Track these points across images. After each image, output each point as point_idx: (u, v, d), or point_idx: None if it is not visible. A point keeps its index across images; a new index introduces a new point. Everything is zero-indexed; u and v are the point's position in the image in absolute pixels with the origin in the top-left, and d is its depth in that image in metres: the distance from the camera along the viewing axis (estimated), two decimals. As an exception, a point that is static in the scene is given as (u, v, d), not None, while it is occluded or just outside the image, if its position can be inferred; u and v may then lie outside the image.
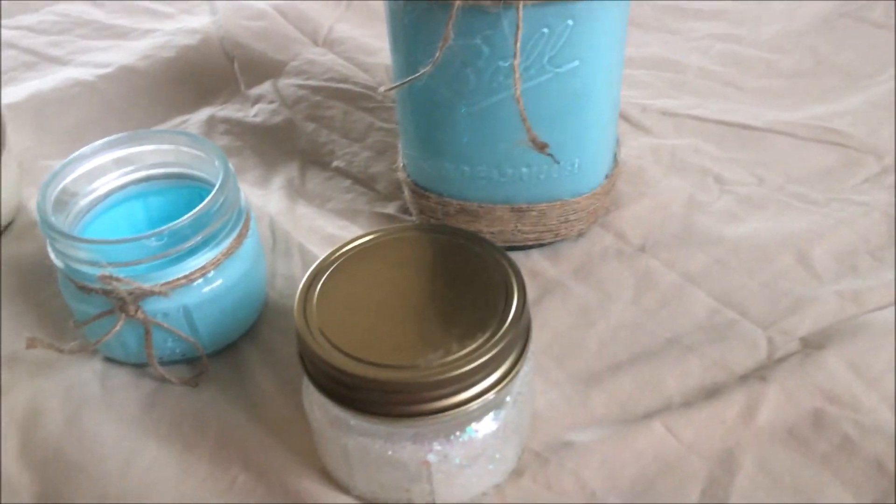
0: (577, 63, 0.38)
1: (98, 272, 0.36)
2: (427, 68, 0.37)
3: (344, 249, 0.35)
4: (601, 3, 0.37)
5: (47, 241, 0.39)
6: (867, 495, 0.34)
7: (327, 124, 0.57)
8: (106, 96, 0.61)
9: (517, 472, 0.36)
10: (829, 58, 0.60)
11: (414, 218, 0.48)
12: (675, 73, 0.59)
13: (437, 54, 0.36)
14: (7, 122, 0.53)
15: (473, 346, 0.30)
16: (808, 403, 0.37)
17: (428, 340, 0.31)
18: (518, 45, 0.35)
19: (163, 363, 0.41)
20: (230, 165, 0.40)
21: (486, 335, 0.31)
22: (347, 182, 0.52)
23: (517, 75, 0.35)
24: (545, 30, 0.37)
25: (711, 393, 0.38)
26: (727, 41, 0.62)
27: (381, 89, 0.43)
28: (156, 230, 0.37)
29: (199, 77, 0.63)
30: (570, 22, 0.37)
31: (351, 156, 0.54)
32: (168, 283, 0.37)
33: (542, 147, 0.35)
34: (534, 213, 0.44)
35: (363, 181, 0.52)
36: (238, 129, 0.57)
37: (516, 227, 0.44)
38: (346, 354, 0.31)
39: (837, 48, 0.61)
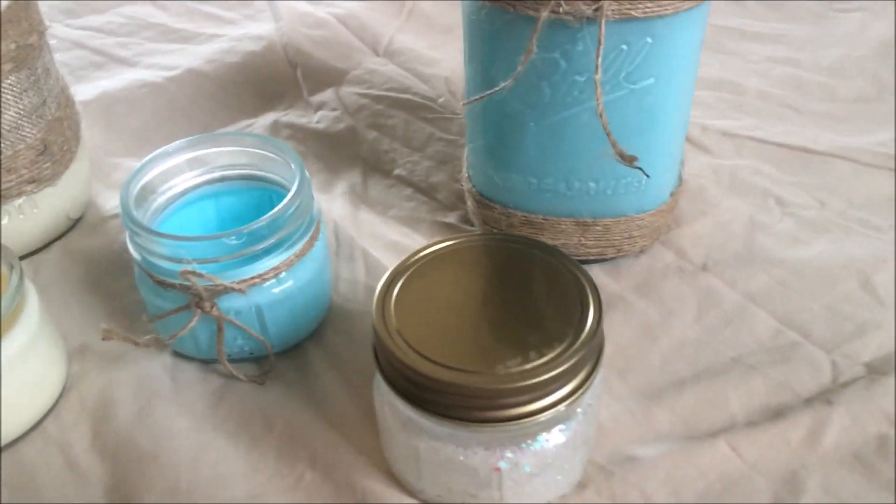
0: (652, 80, 0.39)
1: (179, 268, 0.37)
2: (508, 82, 0.37)
3: (420, 255, 0.36)
4: (681, 21, 0.37)
5: (127, 235, 0.40)
6: (935, 523, 0.34)
7: (389, 133, 0.58)
8: (173, 98, 0.62)
9: (581, 485, 0.36)
10: (891, 84, 0.60)
11: (476, 228, 0.49)
12: (734, 95, 0.59)
13: (520, 67, 0.36)
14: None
15: (551, 355, 0.31)
16: (874, 428, 0.37)
17: (505, 347, 0.31)
18: (599, 60, 0.36)
19: (230, 360, 0.41)
20: (306, 171, 0.41)
21: (564, 346, 0.31)
22: (409, 190, 0.53)
23: (599, 90, 0.36)
24: (624, 46, 0.37)
25: (776, 414, 0.38)
26: (787, 65, 0.62)
27: (462, 103, 0.43)
28: (236, 229, 0.38)
29: (263, 82, 0.64)
30: (650, 39, 0.37)
31: (412, 164, 0.55)
32: (243, 281, 0.38)
33: (630, 160, 0.36)
34: (598, 227, 0.44)
35: (424, 190, 0.53)
36: (301, 134, 0.58)
37: (580, 240, 0.45)
38: (425, 357, 0.31)
39: (899, 75, 0.61)
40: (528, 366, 0.31)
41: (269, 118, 0.60)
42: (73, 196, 0.50)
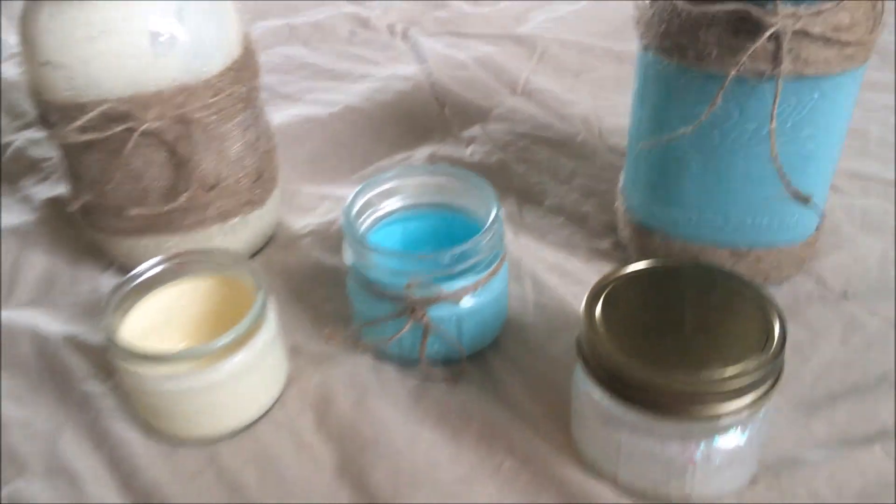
0: (814, 130, 0.44)
1: (402, 281, 0.44)
2: (688, 130, 0.43)
3: (618, 274, 0.41)
4: (845, 80, 0.43)
5: (350, 252, 0.46)
6: None
7: (536, 167, 0.64)
8: (335, 132, 0.69)
9: (753, 481, 0.41)
10: None
11: (631, 254, 0.54)
12: (857, 140, 0.64)
13: (703, 117, 0.42)
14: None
15: (746, 365, 0.36)
16: None
17: (703, 355, 0.37)
18: (775, 111, 0.41)
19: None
20: (500, 203, 0.47)
21: (756, 358, 0.36)
22: (561, 219, 0.59)
23: (773, 139, 0.41)
24: (794, 99, 0.43)
25: (924, 425, 0.43)
26: (903, 112, 0.67)
27: (640, 145, 0.49)
28: (451, 249, 0.44)
29: (414, 118, 0.71)
30: (816, 95, 0.43)
31: (561, 196, 0.61)
32: (453, 293, 0.44)
33: (805, 200, 0.41)
34: (751, 257, 0.50)
35: (576, 219, 0.59)
36: (458, 166, 0.64)
37: (733, 268, 0.50)
38: (633, 357, 0.37)
39: None
40: (728, 373, 0.36)
41: (425, 151, 0.67)
42: (272, 216, 0.57)
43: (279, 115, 0.70)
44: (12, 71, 0.79)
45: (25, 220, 0.60)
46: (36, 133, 0.70)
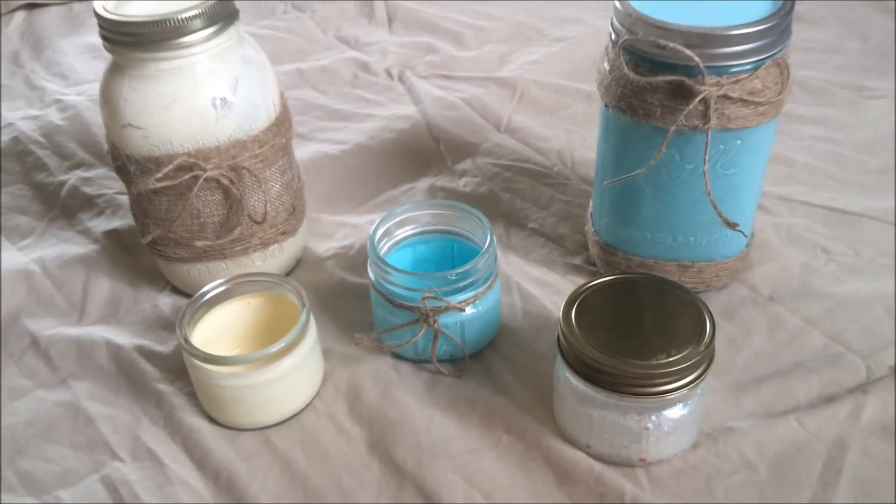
0: (738, 168, 0.56)
1: (417, 295, 0.55)
2: (642, 171, 0.55)
3: (588, 286, 0.53)
4: (762, 129, 0.55)
5: (372, 273, 0.58)
6: (940, 471, 0.50)
7: (520, 195, 0.76)
8: (347, 166, 0.80)
9: (695, 445, 0.53)
10: (909, 159, 0.77)
11: (600, 268, 0.66)
12: (786, 167, 0.76)
13: (652, 161, 0.54)
14: (292, 184, 0.73)
15: (685, 353, 0.48)
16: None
17: (653, 347, 0.48)
18: (706, 156, 0.53)
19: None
20: (493, 230, 0.58)
21: (692, 348, 0.48)
22: (541, 239, 0.71)
23: (707, 178, 0.53)
24: (721, 146, 0.55)
25: (828, 400, 0.54)
26: (827, 142, 0.80)
27: (605, 183, 0.61)
28: (456, 269, 0.55)
29: (414, 153, 0.82)
30: (739, 141, 0.55)
31: (541, 220, 0.73)
32: (459, 303, 0.56)
33: (733, 226, 0.53)
34: (694, 269, 0.61)
35: (554, 239, 0.70)
36: (453, 196, 0.76)
37: (680, 278, 0.62)
38: (600, 351, 0.48)
39: (917, 152, 0.78)
40: (671, 359, 0.48)
41: (425, 183, 0.78)
42: (301, 243, 0.68)
43: (299, 153, 0.81)
44: (55, 116, 0.90)
45: (89, 249, 0.70)
46: (86, 172, 0.81)
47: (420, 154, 0.82)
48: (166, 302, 0.66)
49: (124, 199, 0.76)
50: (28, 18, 1.13)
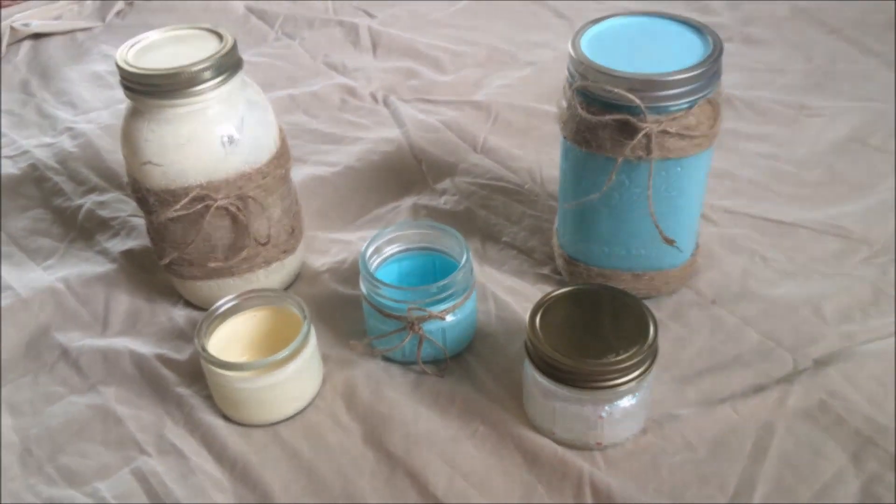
0: (679, 191, 0.65)
1: (404, 306, 0.63)
2: (596, 196, 0.64)
3: (551, 295, 0.61)
4: (699, 158, 0.63)
5: (364, 286, 0.66)
6: (849, 448, 0.59)
7: (494, 211, 0.84)
8: (337, 187, 0.89)
9: (644, 430, 0.61)
10: (841, 173, 0.86)
11: (564, 278, 0.75)
12: (732, 182, 0.85)
13: (605, 187, 0.63)
14: (289, 206, 0.81)
15: (632, 352, 0.56)
16: (817, 397, 0.62)
17: (605, 348, 0.57)
18: (650, 181, 0.62)
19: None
20: (469, 247, 0.67)
21: (638, 347, 0.57)
22: (514, 252, 0.79)
23: (650, 201, 0.62)
24: (664, 172, 0.63)
25: (759, 388, 0.63)
26: (769, 158, 0.89)
27: (566, 205, 0.69)
28: (437, 283, 0.64)
29: (399, 174, 0.90)
30: (679, 169, 0.63)
31: (514, 234, 0.81)
32: (440, 312, 0.64)
33: (670, 242, 0.62)
34: (646, 277, 0.70)
35: (524, 252, 0.79)
36: (435, 213, 0.84)
37: (634, 286, 0.71)
38: (560, 352, 0.57)
39: (848, 166, 0.87)
40: (619, 358, 0.56)
41: (409, 201, 0.86)
42: (299, 259, 0.76)
43: (294, 175, 0.89)
44: (67, 143, 0.97)
45: (108, 268, 0.78)
46: (99, 196, 0.88)
47: (403, 174, 0.90)
48: (181, 315, 0.74)
49: (137, 221, 0.84)
50: (34, 48, 1.21)
